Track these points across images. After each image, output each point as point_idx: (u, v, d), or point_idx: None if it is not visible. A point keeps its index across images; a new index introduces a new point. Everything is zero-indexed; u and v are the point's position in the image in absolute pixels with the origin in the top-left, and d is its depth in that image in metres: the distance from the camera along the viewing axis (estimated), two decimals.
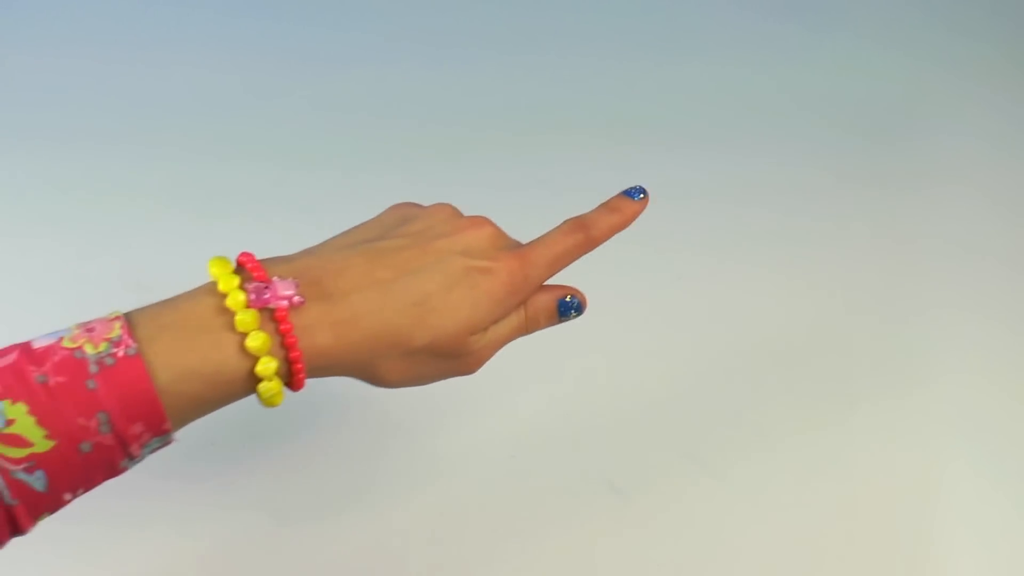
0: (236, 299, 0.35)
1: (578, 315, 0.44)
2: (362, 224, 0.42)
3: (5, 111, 0.88)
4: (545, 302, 0.43)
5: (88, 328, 0.33)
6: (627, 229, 0.44)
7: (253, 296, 0.35)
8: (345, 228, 0.42)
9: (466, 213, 0.42)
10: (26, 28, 0.98)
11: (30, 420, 0.31)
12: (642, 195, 0.45)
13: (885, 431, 0.65)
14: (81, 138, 0.86)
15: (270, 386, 0.35)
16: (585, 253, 0.43)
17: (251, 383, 0.35)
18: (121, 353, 0.33)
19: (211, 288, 0.36)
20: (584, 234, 0.43)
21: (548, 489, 0.59)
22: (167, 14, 1.01)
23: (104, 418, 0.32)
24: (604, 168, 0.86)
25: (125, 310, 0.35)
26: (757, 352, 0.70)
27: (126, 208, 0.79)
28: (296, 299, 0.36)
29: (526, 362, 0.50)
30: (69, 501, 0.34)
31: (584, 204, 0.45)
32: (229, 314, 0.35)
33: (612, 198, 0.45)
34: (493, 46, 1.01)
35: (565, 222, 0.43)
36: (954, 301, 0.76)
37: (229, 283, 0.35)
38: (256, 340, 0.34)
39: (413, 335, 0.38)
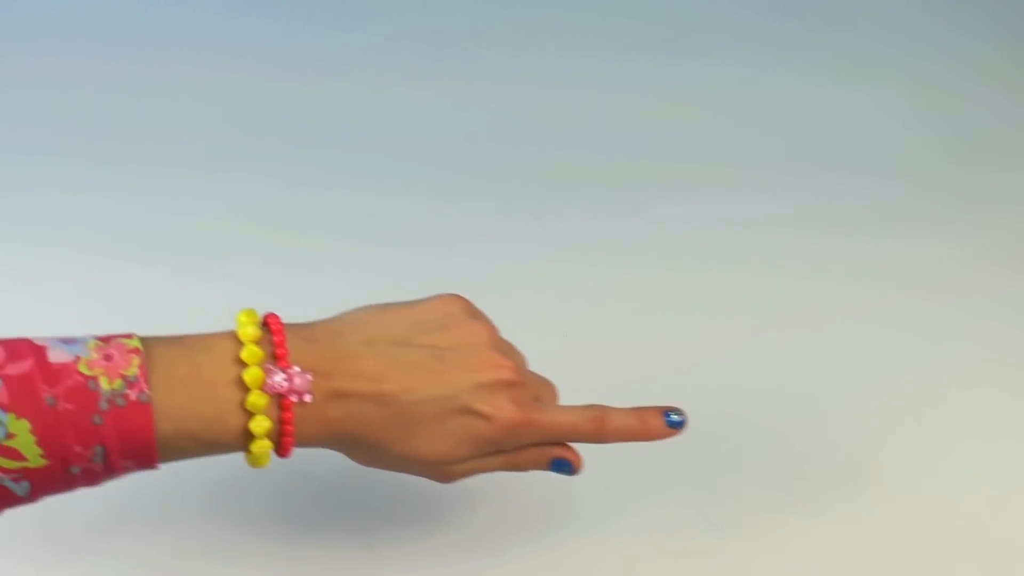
0: (254, 376, 0.36)
1: (568, 475, 0.44)
2: (398, 309, 0.41)
3: (5, 111, 0.88)
4: (538, 457, 0.43)
5: (106, 354, 0.34)
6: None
7: (270, 381, 0.36)
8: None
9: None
10: (26, 28, 0.97)
11: (31, 439, 0.32)
12: (679, 426, 0.44)
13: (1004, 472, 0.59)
14: (81, 137, 0.86)
15: (258, 455, 0.37)
16: (588, 442, 0.43)
17: (239, 447, 0.37)
18: (134, 397, 0.33)
19: (231, 348, 0.36)
20: (597, 429, 0.43)
21: (642, 522, 0.55)
22: (168, 14, 1.00)
23: (100, 451, 0.33)
24: (613, 185, 0.83)
25: (142, 333, 0.35)
26: (853, 383, 0.66)
27: (129, 205, 0.79)
28: (307, 397, 0.37)
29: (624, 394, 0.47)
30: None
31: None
32: (243, 389, 0.36)
33: (651, 409, 0.44)
34: (504, 50, 1.00)
35: (591, 407, 0.43)
36: None
37: (252, 355, 0.36)
38: (259, 424, 0.36)
39: (391, 447, 0.40)
